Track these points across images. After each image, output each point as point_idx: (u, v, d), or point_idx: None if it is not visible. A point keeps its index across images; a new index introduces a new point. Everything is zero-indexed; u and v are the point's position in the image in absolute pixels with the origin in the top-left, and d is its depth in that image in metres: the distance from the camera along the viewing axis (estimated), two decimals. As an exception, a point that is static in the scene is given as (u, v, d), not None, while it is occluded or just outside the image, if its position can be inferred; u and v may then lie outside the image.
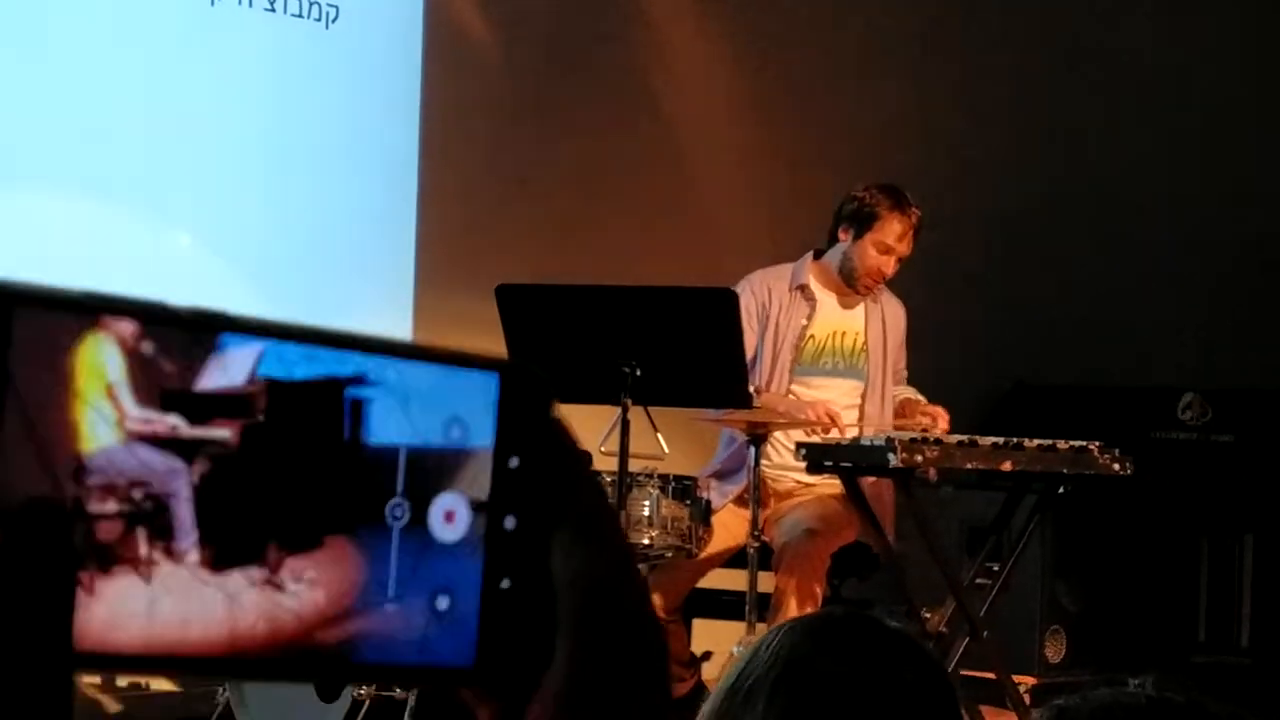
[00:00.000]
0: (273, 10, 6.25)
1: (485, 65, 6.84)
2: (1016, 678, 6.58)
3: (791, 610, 5.53)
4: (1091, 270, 8.48)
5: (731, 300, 5.19)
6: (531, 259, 6.77)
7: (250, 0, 6.20)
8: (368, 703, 5.06)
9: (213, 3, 6.12)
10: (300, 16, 6.32)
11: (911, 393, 6.03)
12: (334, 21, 6.38)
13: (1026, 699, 6.68)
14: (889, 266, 5.86)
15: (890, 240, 5.83)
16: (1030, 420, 7.77)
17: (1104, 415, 7.58)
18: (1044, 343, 8.28)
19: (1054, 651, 6.88)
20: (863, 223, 5.84)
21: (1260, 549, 7.24)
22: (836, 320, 5.94)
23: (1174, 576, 7.32)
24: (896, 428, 5.73)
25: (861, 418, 5.86)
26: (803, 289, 5.93)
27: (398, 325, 6.54)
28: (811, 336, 5.91)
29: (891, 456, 5.25)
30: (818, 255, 5.98)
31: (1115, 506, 6.91)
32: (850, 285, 5.90)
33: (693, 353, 5.14)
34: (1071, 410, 7.76)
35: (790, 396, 5.87)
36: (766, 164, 7.54)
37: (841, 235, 5.89)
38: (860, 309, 5.96)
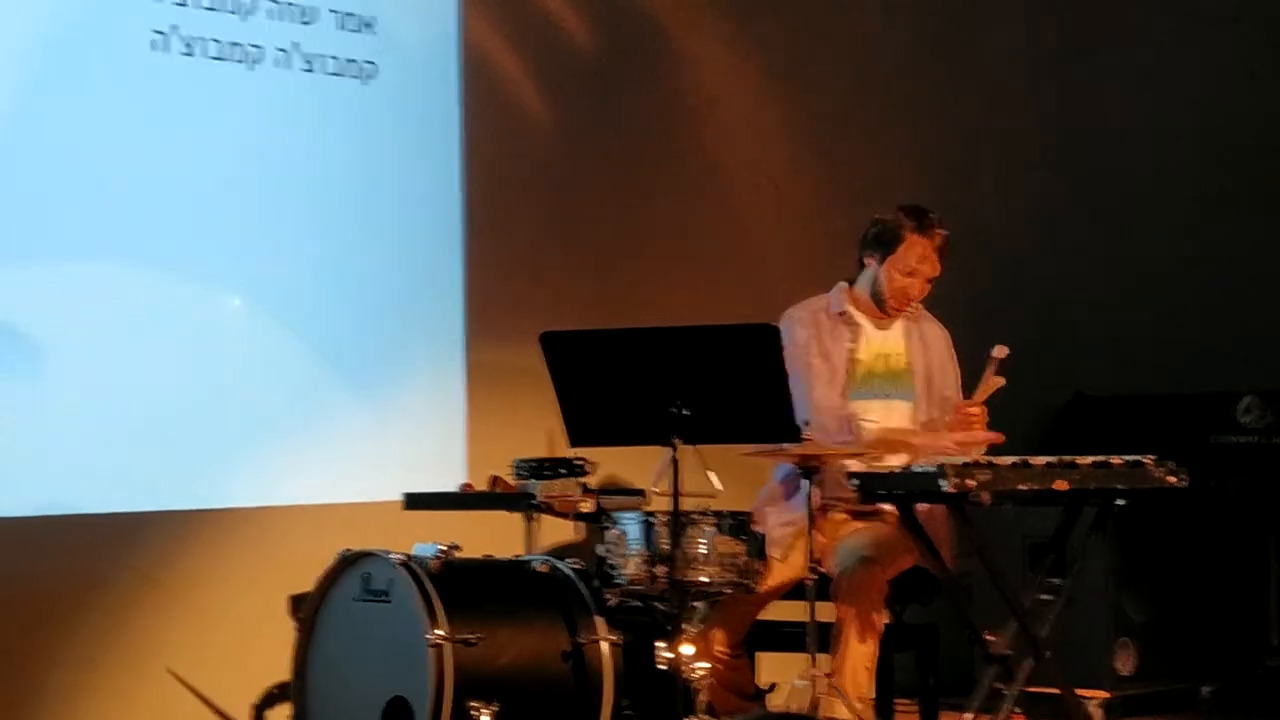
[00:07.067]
0: (310, 70, 6.32)
1: (523, 111, 6.87)
2: (1088, 692, 6.57)
3: (852, 640, 5.54)
4: (1142, 278, 8.45)
5: (773, 335, 5.20)
6: (580, 305, 6.79)
7: (288, 61, 6.27)
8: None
9: (251, 67, 6.18)
10: (338, 75, 6.38)
11: None
12: (371, 78, 6.44)
13: (1099, 713, 6.67)
14: (916, 288, 5.89)
15: (914, 262, 5.86)
16: (1089, 431, 7.76)
17: (1163, 423, 7.56)
18: (1100, 353, 8.25)
19: (1124, 663, 6.85)
20: (887, 246, 5.88)
21: (1328, 548, 7.20)
22: (879, 343, 5.96)
23: (1242, 580, 7.27)
24: (957, 443, 5.73)
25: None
26: (843, 315, 5.96)
27: (450, 379, 6.57)
28: (859, 361, 5.93)
29: (943, 482, 5.25)
30: (850, 284, 6.01)
31: (1179, 514, 6.88)
32: (880, 308, 5.93)
33: (738, 389, 5.15)
34: (1130, 419, 7.74)
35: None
36: (813, 197, 7.54)
37: (867, 260, 5.93)
38: (899, 330, 5.98)
